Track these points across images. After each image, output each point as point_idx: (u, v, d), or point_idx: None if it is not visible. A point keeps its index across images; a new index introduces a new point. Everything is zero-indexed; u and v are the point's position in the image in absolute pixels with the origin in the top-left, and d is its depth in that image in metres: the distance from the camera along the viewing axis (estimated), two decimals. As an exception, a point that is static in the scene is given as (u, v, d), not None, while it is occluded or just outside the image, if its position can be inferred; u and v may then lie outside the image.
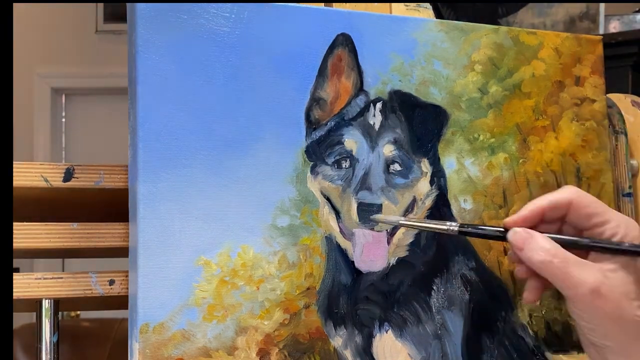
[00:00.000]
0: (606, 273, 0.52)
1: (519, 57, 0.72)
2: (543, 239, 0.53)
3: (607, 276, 0.52)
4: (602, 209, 0.54)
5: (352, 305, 0.63)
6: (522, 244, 0.54)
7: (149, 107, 0.58)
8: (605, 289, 0.51)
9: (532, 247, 0.53)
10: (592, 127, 0.74)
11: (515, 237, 0.54)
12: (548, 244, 0.53)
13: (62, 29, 3.47)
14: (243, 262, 0.60)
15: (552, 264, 0.52)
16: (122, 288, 0.61)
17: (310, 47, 0.64)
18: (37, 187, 0.61)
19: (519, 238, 0.54)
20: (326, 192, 0.63)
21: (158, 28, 0.59)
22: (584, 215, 0.54)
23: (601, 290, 0.51)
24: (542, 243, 0.53)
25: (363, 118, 0.65)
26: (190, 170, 0.59)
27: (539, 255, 0.53)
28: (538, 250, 0.53)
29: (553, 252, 0.52)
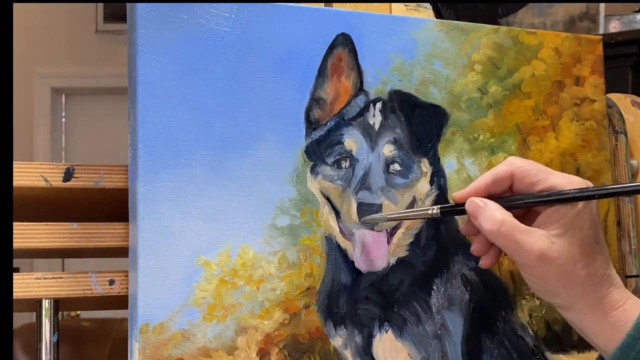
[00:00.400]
0: (552, 238, 0.54)
1: (518, 57, 0.72)
2: (495, 208, 0.55)
3: (553, 241, 0.54)
4: (543, 175, 0.56)
5: (352, 305, 0.63)
6: (476, 212, 0.56)
7: (149, 107, 0.58)
8: (551, 254, 0.53)
9: (485, 215, 0.55)
10: (592, 127, 0.74)
11: (471, 206, 0.56)
12: (498, 213, 0.55)
13: (62, 29, 3.47)
14: (243, 262, 0.60)
15: (499, 232, 0.54)
16: (122, 288, 0.61)
17: (310, 47, 0.64)
18: (37, 187, 0.61)
19: (474, 206, 0.56)
20: (326, 192, 0.63)
21: (158, 28, 0.59)
22: (526, 185, 0.56)
23: (547, 256, 0.53)
24: (493, 212, 0.55)
25: (363, 118, 0.65)
26: (190, 170, 0.59)
27: (488, 224, 0.55)
28: (488, 219, 0.55)
29: (500, 220, 0.54)
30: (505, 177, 0.57)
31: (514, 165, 0.56)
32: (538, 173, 0.56)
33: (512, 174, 0.56)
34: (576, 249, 0.54)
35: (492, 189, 0.57)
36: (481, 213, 0.55)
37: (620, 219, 0.77)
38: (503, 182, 0.57)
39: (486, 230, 0.55)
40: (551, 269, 0.54)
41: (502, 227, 0.54)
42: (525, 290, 0.69)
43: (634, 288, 0.76)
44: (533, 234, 0.54)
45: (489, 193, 0.57)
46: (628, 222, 0.77)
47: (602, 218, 0.73)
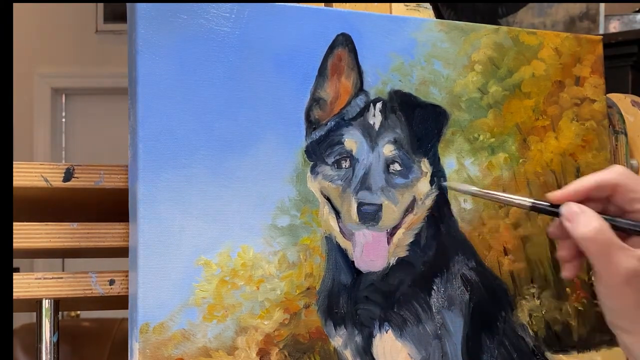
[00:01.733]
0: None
1: (519, 57, 0.72)
2: (595, 216, 0.53)
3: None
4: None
5: (352, 305, 0.63)
6: (572, 217, 0.54)
7: (149, 107, 0.58)
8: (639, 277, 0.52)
9: (582, 221, 0.53)
10: (592, 127, 0.74)
11: (567, 210, 0.55)
12: (598, 222, 0.53)
13: (62, 29, 3.47)
14: (243, 262, 0.60)
15: (594, 239, 0.53)
16: (122, 288, 0.61)
17: (310, 47, 0.64)
18: (37, 187, 0.61)
19: (571, 211, 0.54)
20: (326, 192, 0.63)
21: (158, 28, 0.59)
22: (628, 199, 0.54)
23: (635, 278, 0.52)
24: (593, 220, 0.53)
25: (363, 118, 0.65)
26: (190, 170, 0.59)
27: (584, 228, 0.53)
28: (587, 225, 0.53)
29: (598, 229, 0.53)
30: (609, 185, 0.55)
31: (621, 175, 0.55)
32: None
33: (617, 184, 0.55)
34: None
35: (592, 194, 0.55)
36: (577, 218, 0.54)
37: (620, 219, 0.77)
38: (604, 190, 0.55)
39: (580, 233, 0.53)
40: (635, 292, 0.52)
41: (598, 235, 0.52)
42: (525, 290, 0.69)
43: None
44: (628, 252, 0.52)
45: (588, 197, 0.55)
46: (628, 222, 0.77)
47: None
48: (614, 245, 0.52)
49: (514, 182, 0.70)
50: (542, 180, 0.71)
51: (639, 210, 0.54)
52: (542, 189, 0.71)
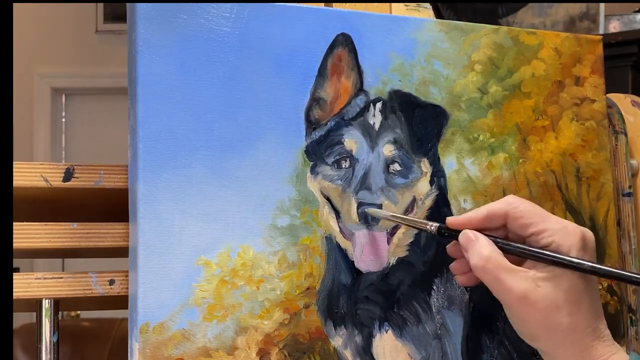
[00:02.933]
0: (537, 281, 0.53)
1: (518, 57, 0.72)
2: (485, 244, 0.55)
3: (538, 284, 0.53)
4: (537, 218, 0.55)
5: (352, 305, 0.63)
6: (466, 245, 0.56)
7: (149, 107, 0.58)
8: (533, 297, 0.53)
9: (474, 249, 0.55)
10: (592, 127, 0.74)
11: (463, 238, 0.57)
12: (486, 249, 0.55)
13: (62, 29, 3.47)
14: (243, 262, 0.60)
15: (484, 269, 0.54)
16: (122, 288, 0.61)
17: (310, 47, 0.64)
18: (37, 187, 0.61)
19: (465, 239, 0.56)
20: (326, 192, 0.63)
21: (158, 28, 0.59)
22: (519, 225, 0.56)
23: (529, 298, 0.53)
24: (481, 248, 0.55)
25: (363, 118, 0.65)
26: (190, 170, 0.59)
27: (474, 258, 0.55)
28: (475, 253, 0.55)
29: (486, 256, 0.54)
30: (499, 214, 0.57)
31: (510, 205, 0.56)
32: (532, 216, 0.55)
33: (506, 213, 0.56)
34: (561, 295, 0.53)
35: (485, 224, 0.57)
36: (471, 246, 0.55)
37: (620, 219, 0.77)
38: (497, 219, 0.57)
39: (472, 264, 0.55)
40: (532, 311, 0.53)
41: (487, 264, 0.54)
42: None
43: (633, 288, 0.76)
44: (517, 274, 0.54)
45: (483, 227, 0.57)
46: (628, 222, 0.77)
47: (602, 218, 0.73)
48: (503, 270, 0.54)
49: (513, 182, 0.70)
50: (542, 180, 0.71)
51: (534, 234, 0.55)
52: (542, 189, 0.71)
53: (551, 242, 0.54)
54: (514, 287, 0.53)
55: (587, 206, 0.73)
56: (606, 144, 0.75)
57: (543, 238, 0.55)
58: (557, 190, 0.72)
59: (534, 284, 0.53)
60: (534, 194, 0.70)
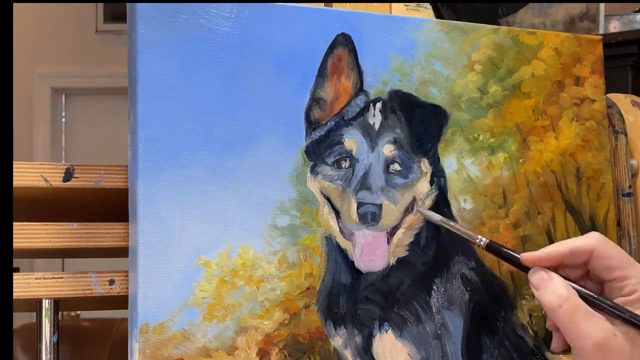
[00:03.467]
0: (616, 331, 0.51)
1: (518, 57, 0.72)
2: (561, 284, 0.52)
3: (616, 334, 0.51)
4: (625, 263, 0.53)
5: (352, 305, 0.63)
6: (538, 284, 0.53)
7: (149, 107, 0.58)
8: (610, 347, 0.50)
9: (548, 289, 0.52)
10: (592, 127, 0.74)
11: (534, 276, 0.54)
12: (563, 289, 0.52)
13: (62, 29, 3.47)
14: (243, 262, 0.60)
15: (560, 310, 0.52)
16: (122, 288, 0.61)
17: (310, 47, 0.64)
18: (37, 187, 0.61)
19: (538, 278, 0.54)
20: (326, 192, 0.63)
21: (158, 28, 0.59)
22: (604, 267, 0.53)
23: (606, 347, 0.50)
24: (557, 287, 0.52)
25: (363, 118, 0.65)
26: (190, 170, 0.59)
27: (549, 299, 0.52)
28: (551, 293, 0.52)
29: (565, 297, 0.52)
30: (585, 251, 0.53)
31: (598, 242, 0.53)
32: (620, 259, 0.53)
33: (593, 251, 0.53)
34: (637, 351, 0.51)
35: (567, 260, 0.54)
36: (545, 286, 0.53)
37: (620, 219, 0.77)
38: (581, 256, 0.54)
39: (545, 304, 0.52)
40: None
41: (565, 305, 0.51)
42: (525, 290, 0.69)
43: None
44: (596, 320, 0.51)
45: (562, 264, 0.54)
46: (628, 222, 0.77)
47: (602, 218, 0.73)
48: (581, 313, 0.51)
49: (513, 182, 0.70)
50: (542, 180, 0.71)
51: (617, 279, 0.53)
52: (541, 189, 0.71)
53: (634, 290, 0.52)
54: (592, 334, 0.50)
55: (587, 206, 0.73)
56: (606, 144, 0.75)
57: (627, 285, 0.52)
58: (557, 190, 0.72)
59: (612, 333, 0.51)
60: (534, 194, 0.70)
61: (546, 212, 0.71)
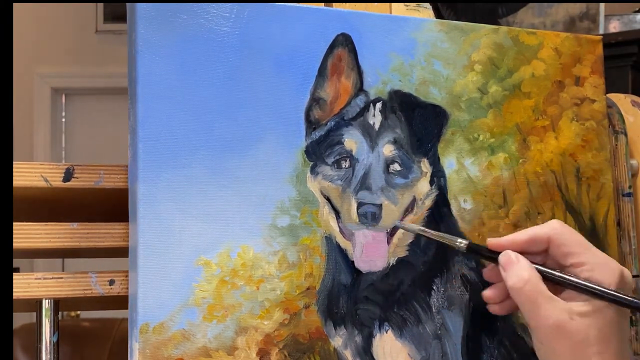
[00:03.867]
0: (573, 314, 0.53)
1: (518, 57, 0.72)
2: (525, 266, 0.55)
3: (573, 317, 0.53)
4: (579, 249, 0.55)
5: (352, 305, 0.63)
6: (505, 265, 0.56)
7: (149, 107, 0.58)
8: (567, 329, 0.53)
9: (513, 270, 0.55)
10: (592, 127, 0.74)
11: (504, 259, 0.56)
12: (527, 272, 0.54)
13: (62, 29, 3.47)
14: (243, 262, 0.60)
15: (522, 290, 0.54)
16: (122, 288, 0.61)
17: (310, 47, 0.64)
18: (37, 187, 0.61)
19: (506, 259, 0.56)
20: (326, 192, 0.63)
21: (158, 28, 0.59)
22: (560, 254, 0.56)
23: (563, 329, 0.53)
24: (522, 270, 0.55)
25: (363, 118, 0.65)
26: (190, 170, 0.59)
27: (513, 279, 0.55)
28: (517, 275, 0.55)
29: (526, 279, 0.54)
30: (542, 239, 0.56)
31: (554, 230, 0.56)
32: (575, 246, 0.55)
33: (550, 239, 0.56)
34: (594, 332, 0.53)
35: (527, 247, 0.57)
36: (511, 267, 0.55)
37: (620, 219, 0.77)
38: (539, 244, 0.56)
39: (509, 284, 0.55)
40: (563, 344, 0.53)
41: (526, 286, 0.54)
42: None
43: (634, 288, 0.76)
44: (555, 303, 0.53)
45: (523, 250, 0.56)
46: (628, 222, 0.77)
47: (602, 218, 0.73)
48: (542, 297, 0.54)
49: (513, 182, 0.70)
50: (542, 180, 0.71)
51: (574, 265, 0.55)
52: (541, 189, 0.71)
53: (589, 276, 0.54)
54: (549, 316, 0.53)
55: (587, 206, 0.73)
56: (606, 144, 0.75)
57: (582, 271, 0.54)
58: (557, 191, 0.72)
59: (569, 316, 0.53)
60: (534, 194, 0.70)
61: (546, 212, 0.71)
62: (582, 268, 0.55)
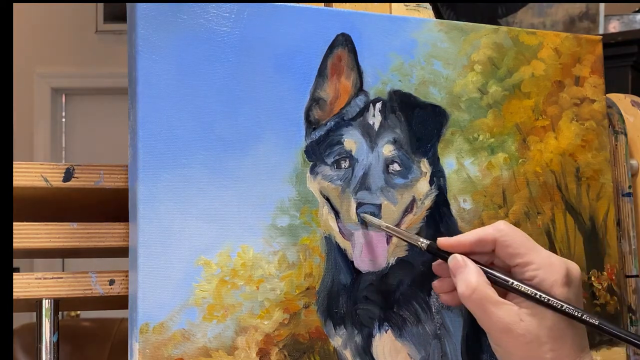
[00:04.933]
0: (522, 315, 0.54)
1: (518, 57, 0.72)
2: (473, 271, 0.55)
3: (522, 318, 0.54)
4: (524, 250, 0.56)
5: (351, 305, 0.63)
6: (455, 270, 0.56)
7: (149, 107, 0.58)
8: (517, 331, 0.53)
9: (461, 277, 0.56)
10: (591, 127, 0.74)
11: (452, 263, 0.57)
12: (474, 278, 0.55)
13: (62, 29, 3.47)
14: (243, 262, 0.60)
15: (470, 298, 0.55)
16: (122, 288, 0.61)
17: (310, 47, 0.64)
18: (37, 187, 0.61)
19: (454, 264, 0.57)
20: (325, 192, 0.63)
21: (158, 28, 0.59)
22: (506, 255, 0.56)
23: (513, 331, 0.53)
24: (469, 276, 0.55)
25: (362, 118, 0.65)
26: (190, 170, 0.59)
27: (462, 286, 0.55)
28: (463, 280, 0.55)
29: (474, 287, 0.55)
30: (488, 240, 0.57)
31: (499, 232, 0.56)
32: (519, 247, 0.56)
33: (495, 240, 0.56)
34: (544, 332, 0.53)
35: (474, 248, 0.57)
36: (460, 272, 0.56)
37: (620, 219, 0.77)
38: (486, 244, 0.57)
39: (459, 291, 0.55)
40: (516, 345, 0.54)
41: (474, 295, 0.54)
42: (525, 290, 0.69)
43: (633, 288, 0.76)
44: (503, 307, 0.54)
45: (472, 251, 0.57)
46: (628, 222, 0.77)
47: (602, 218, 0.74)
48: (489, 302, 0.54)
49: (513, 182, 0.70)
50: (542, 180, 0.71)
51: (520, 265, 0.55)
52: (541, 189, 0.71)
53: (534, 276, 0.55)
54: (498, 320, 0.54)
55: (587, 206, 0.73)
56: (606, 144, 0.75)
57: (527, 271, 0.55)
58: (557, 191, 0.72)
59: (518, 317, 0.54)
60: (533, 194, 0.70)
61: (546, 212, 0.71)
62: (527, 268, 0.55)
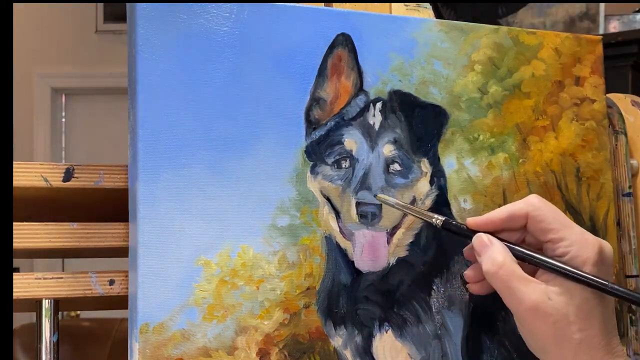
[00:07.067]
0: (550, 294, 0.53)
1: (518, 57, 0.72)
2: (498, 249, 0.54)
3: (550, 297, 0.53)
4: (557, 225, 0.55)
5: (352, 305, 0.63)
6: (480, 249, 0.55)
7: (149, 107, 0.58)
8: (544, 309, 0.52)
9: (488, 255, 0.55)
10: (592, 127, 0.74)
11: (477, 242, 0.56)
12: (500, 255, 0.54)
13: (62, 29, 3.47)
14: (243, 262, 0.60)
15: (496, 275, 0.54)
16: (122, 288, 0.61)
17: (310, 47, 0.64)
18: (37, 187, 0.61)
19: (479, 243, 0.56)
20: (326, 192, 0.63)
21: (158, 28, 0.59)
22: (539, 230, 0.55)
23: (540, 310, 0.52)
24: (495, 253, 0.54)
25: (363, 118, 0.65)
26: (190, 170, 0.59)
27: (487, 264, 0.54)
28: (488, 258, 0.54)
29: (500, 263, 0.54)
30: (520, 215, 0.56)
31: (532, 206, 0.55)
32: (553, 222, 0.55)
33: (527, 215, 0.55)
34: (573, 310, 0.52)
35: (506, 225, 0.56)
36: (485, 251, 0.55)
37: (620, 219, 0.77)
38: (518, 220, 0.56)
39: (484, 269, 0.54)
40: (543, 324, 0.52)
41: (500, 271, 0.53)
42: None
43: (633, 288, 0.76)
44: (530, 285, 0.53)
45: (503, 228, 0.56)
46: (628, 222, 0.77)
47: (602, 218, 0.73)
48: (516, 279, 0.53)
49: (513, 182, 0.70)
50: (542, 180, 0.71)
51: (552, 240, 0.54)
52: (542, 189, 0.71)
53: (567, 252, 0.54)
54: (525, 298, 0.52)
55: (587, 206, 0.73)
56: (606, 144, 0.75)
57: (560, 247, 0.54)
58: (557, 190, 0.72)
59: (546, 296, 0.52)
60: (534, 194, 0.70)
61: (546, 212, 0.71)
62: (560, 244, 0.54)
